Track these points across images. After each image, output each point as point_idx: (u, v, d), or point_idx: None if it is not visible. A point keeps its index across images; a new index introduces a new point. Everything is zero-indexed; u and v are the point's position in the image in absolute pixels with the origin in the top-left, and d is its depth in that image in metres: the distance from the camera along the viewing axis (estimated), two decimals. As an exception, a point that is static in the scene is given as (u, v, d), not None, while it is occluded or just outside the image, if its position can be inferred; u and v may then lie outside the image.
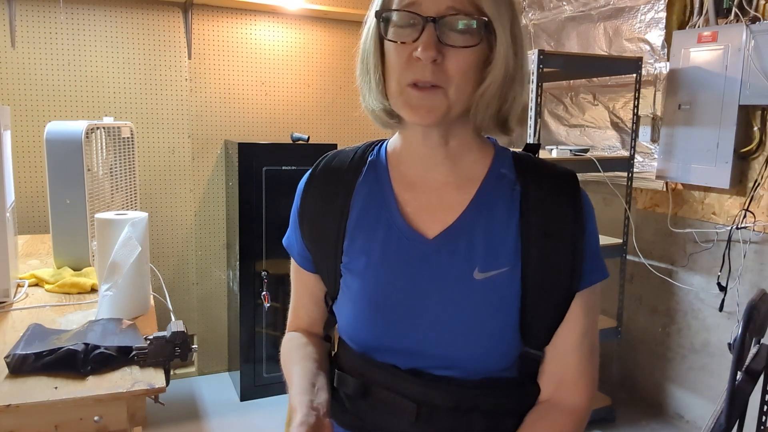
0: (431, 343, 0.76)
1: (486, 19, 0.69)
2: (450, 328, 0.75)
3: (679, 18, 2.61)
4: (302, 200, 0.87)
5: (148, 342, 1.19)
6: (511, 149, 0.83)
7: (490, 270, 0.75)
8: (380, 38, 0.74)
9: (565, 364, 0.79)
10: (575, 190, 0.78)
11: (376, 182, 0.82)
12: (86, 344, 1.16)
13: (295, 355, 0.86)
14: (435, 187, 0.79)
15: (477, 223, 0.77)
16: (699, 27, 2.50)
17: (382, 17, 0.73)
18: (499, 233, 0.76)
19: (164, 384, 1.12)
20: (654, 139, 2.75)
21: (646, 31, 2.74)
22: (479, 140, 0.80)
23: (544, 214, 0.76)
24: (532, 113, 2.33)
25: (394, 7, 0.72)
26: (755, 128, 2.33)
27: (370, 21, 0.76)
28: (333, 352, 0.92)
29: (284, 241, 0.91)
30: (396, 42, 0.72)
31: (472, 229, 0.76)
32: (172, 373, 1.21)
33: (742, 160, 2.38)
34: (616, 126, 2.97)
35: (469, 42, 0.69)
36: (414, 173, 0.81)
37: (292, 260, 0.91)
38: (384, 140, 0.87)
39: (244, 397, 2.85)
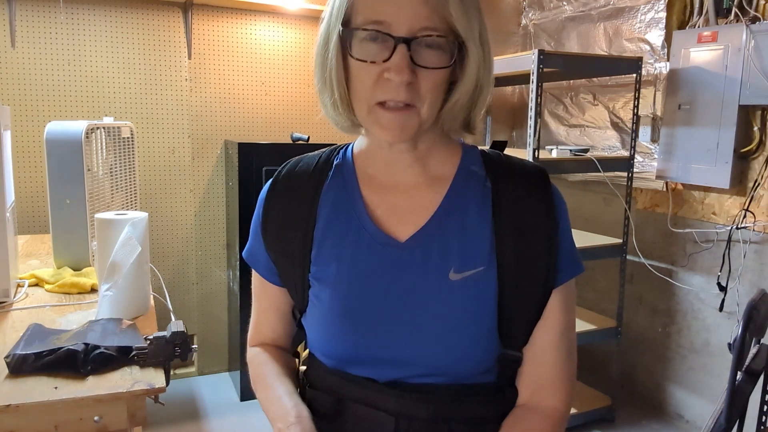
0: (409, 350, 0.73)
1: (460, 37, 0.67)
2: (427, 332, 0.72)
3: (679, 18, 2.61)
4: (265, 209, 0.83)
5: (148, 342, 1.18)
6: (480, 147, 0.82)
7: (465, 270, 0.73)
8: (344, 52, 0.70)
9: (543, 364, 0.76)
10: (546, 186, 0.76)
11: (343, 186, 0.79)
12: (86, 344, 1.16)
13: (266, 371, 0.84)
14: (404, 189, 0.77)
15: (450, 223, 0.74)
16: (699, 27, 2.50)
17: (347, 33, 0.68)
18: (473, 232, 0.74)
19: (164, 384, 1.12)
20: (654, 139, 2.75)
21: (646, 31, 2.74)
22: (446, 140, 0.79)
23: (517, 211, 0.74)
24: (532, 113, 2.33)
25: (359, 21, 0.67)
26: (755, 128, 2.33)
27: (329, 31, 0.71)
28: (303, 369, 0.88)
29: (245, 253, 0.87)
30: (365, 61, 0.68)
31: (445, 229, 0.74)
32: (172, 373, 1.21)
33: (742, 160, 2.38)
34: (616, 126, 2.97)
35: (442, 63, 0.67)
36: (382, 175, 0.78)
37: (254, 273, 0.87)
38: (349, 143, 0.84)
39: (244, 397, 2.85)
